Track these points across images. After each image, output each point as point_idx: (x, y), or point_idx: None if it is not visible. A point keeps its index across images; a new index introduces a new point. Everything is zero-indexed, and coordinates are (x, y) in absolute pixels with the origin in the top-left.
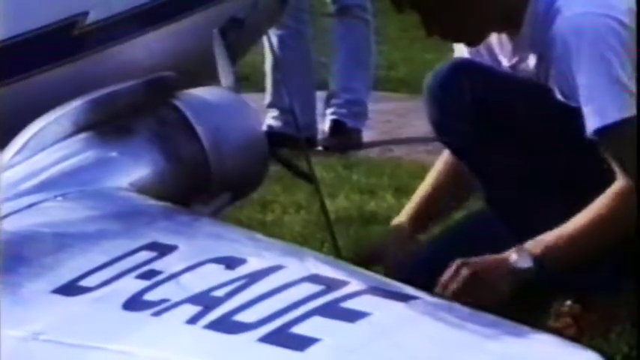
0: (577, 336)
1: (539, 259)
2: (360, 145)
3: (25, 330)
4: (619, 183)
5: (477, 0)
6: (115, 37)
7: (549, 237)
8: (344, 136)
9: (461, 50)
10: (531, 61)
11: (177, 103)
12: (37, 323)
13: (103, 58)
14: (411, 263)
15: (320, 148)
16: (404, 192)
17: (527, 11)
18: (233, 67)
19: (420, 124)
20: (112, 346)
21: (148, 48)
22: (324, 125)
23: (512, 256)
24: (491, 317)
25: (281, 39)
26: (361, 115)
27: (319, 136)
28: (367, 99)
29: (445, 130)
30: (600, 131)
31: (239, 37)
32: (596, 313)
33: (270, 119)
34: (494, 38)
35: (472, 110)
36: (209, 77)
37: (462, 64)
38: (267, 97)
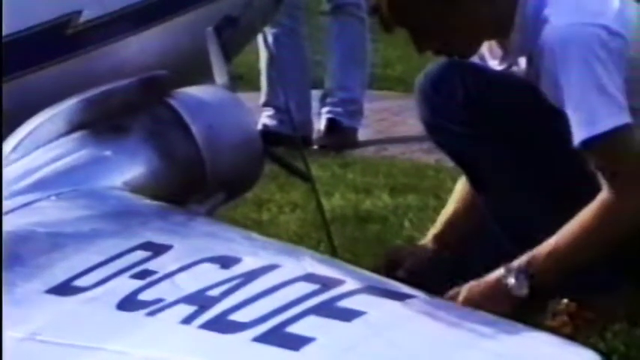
0: (573, 334)
1: (534, 282)
2: (355, 143)
3: (21, 330)
4: (604, 194)
5: (469, 13)
6: (108, 35)
7: (540, 255)
8: (339, 135)
9: None
10: (522, 63)
11: (172, 101)
12: (32, 323)
13: (96, 57)
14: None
15: (315, 146)
16: (399, 191)
17: (516, 16)
18: (228, 65)
19: (416, 123)
20: (106, 346)
21: (142, 46)
22: (320, 124)
23: (509, 280)
24: (487, 316)
25: (276, 37)
26: (357, 114)
27: (315, 135)
28: (363, 97)
29: (437, 130)
30: (586, 143)
31: (234, 35)
32: (592, 312)
33: (266, 118)
34: (484, 45)
35: (464, 110)
36: (204, 76)
37: (454, 64)
38: (263, 96)
